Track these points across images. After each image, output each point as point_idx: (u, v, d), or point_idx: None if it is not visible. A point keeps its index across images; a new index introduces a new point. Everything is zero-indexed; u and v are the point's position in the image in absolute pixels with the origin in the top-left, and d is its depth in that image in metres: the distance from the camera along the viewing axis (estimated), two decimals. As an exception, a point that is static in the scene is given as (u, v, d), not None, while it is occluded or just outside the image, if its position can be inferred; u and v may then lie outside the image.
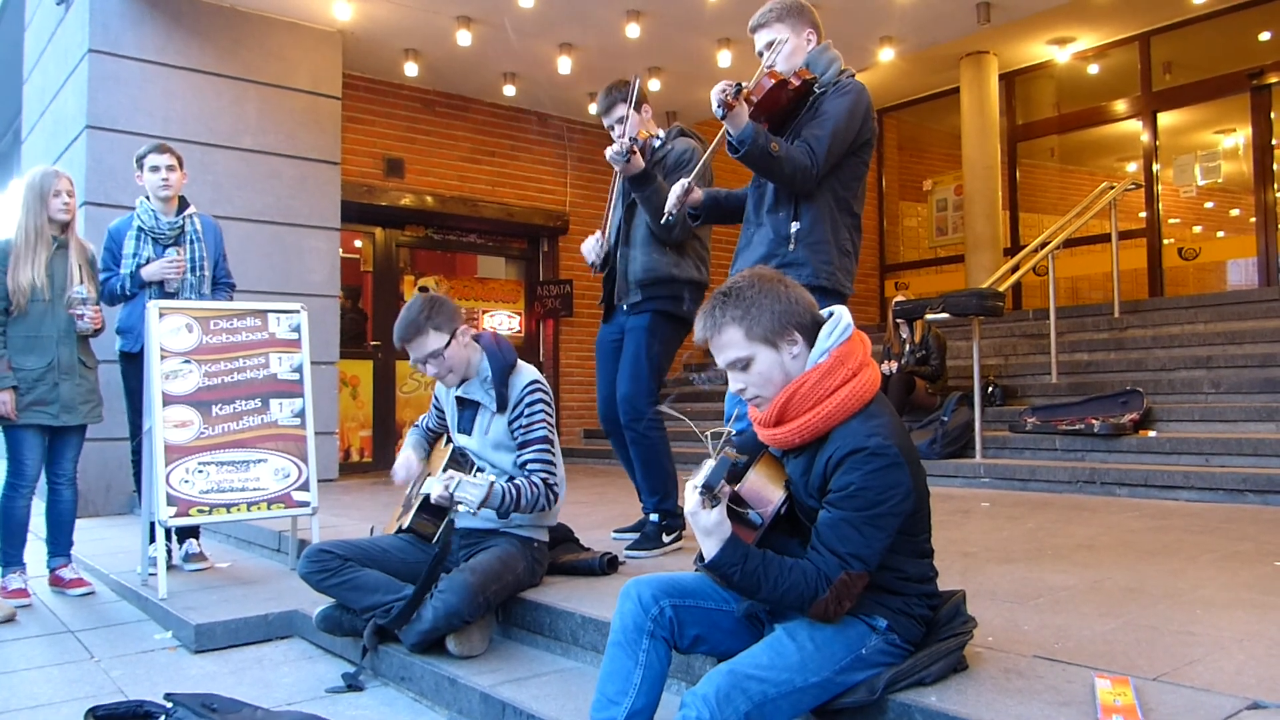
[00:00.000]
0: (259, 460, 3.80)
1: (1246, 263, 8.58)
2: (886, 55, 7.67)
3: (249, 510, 3.75)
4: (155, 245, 4.10)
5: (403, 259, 8.76)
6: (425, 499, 3.00)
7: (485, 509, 2.71)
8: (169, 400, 3.68)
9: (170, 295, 4.03)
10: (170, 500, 3.58)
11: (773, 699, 1.72)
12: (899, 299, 7.17)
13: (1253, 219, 8.30)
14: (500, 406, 2.95)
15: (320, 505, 3.92)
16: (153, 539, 3.79)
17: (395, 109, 8.30)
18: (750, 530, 1.84)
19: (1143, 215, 8.70)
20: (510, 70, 8.11)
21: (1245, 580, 2.82)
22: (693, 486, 1.74)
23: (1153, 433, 5.59)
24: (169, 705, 2.39)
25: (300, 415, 3.94)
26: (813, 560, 1.75)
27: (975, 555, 3.33)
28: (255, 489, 3.77)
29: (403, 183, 8.33)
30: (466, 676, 2.53)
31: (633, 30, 7.05)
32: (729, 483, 1.81)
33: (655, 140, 3.57)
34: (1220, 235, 9.69)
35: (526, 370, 3.03)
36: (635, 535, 3.54)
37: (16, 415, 3.65)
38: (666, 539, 3.48)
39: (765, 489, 1.88)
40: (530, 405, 2.94)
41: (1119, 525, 4.01)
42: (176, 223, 4.13)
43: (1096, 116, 9.38)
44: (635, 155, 3.27)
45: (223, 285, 4.28)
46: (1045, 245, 6.99)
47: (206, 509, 3.65)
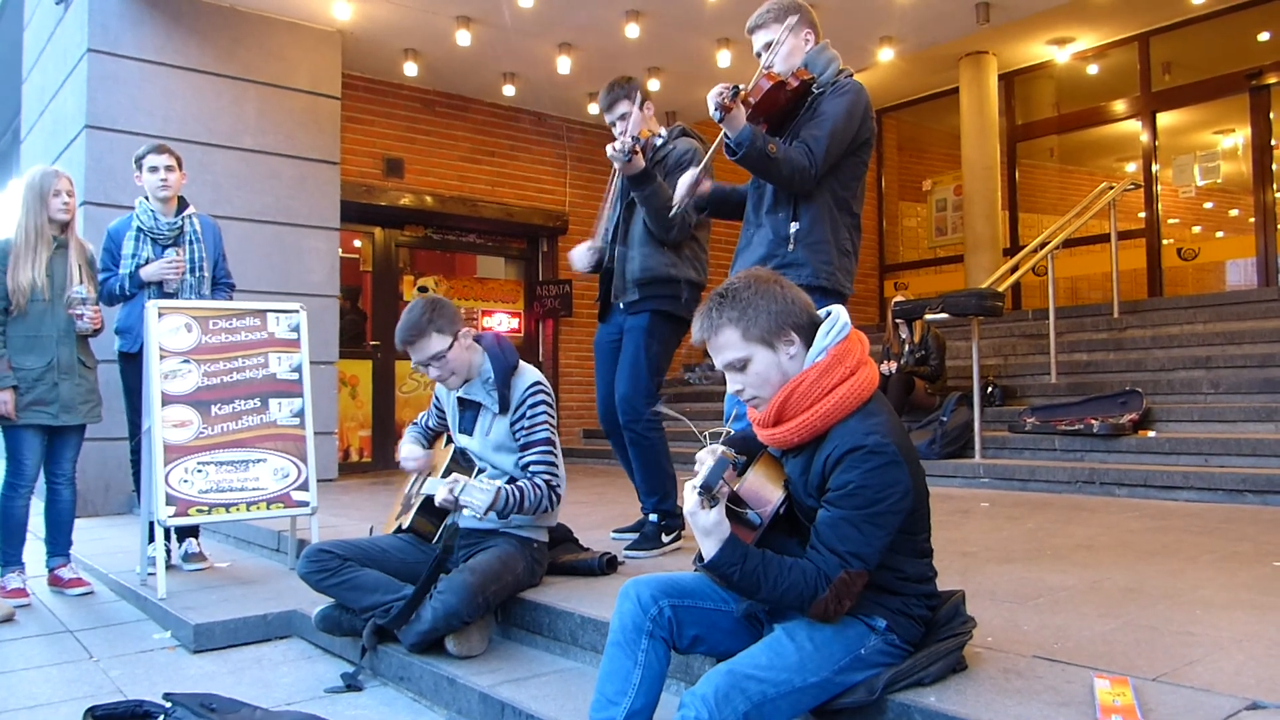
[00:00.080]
0: (258, 460, 3.80)
1: (1245, 263, 8.58)
2: (886, 55, 7.68)
3: (248, 510, 3.75)
4: (154, 246, 4.09)
5: (402, 259, 8.76)
6: (426, 499, 3.00)
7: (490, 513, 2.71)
8: (168, 400, 3.68)
9: (169, 295, 4.02)
10: (169, 500, 3.58)
11: (772, 699, 1.72)
12: (898, 299, 7.17)
13: (1252, 219, 8.31)
14: (502, 408, 2.95)
15: (319, 505, 3.92)
16: (152, 539, 3.79)
17: (395, 109, 8.30)
18: (749, 530, 1.84)
19: (1142, 215, 8.71)
20: (510, 70, 8.11)
21: (1244, 581, 2.82)
22: (691, 487, 1.74)
23: (1152, 433, 5.59)
24: (168, 705, 2.39)
25: (299, 415, 3.94)
26: (812, 559, 1.75)
27: (974, 555, 3.33)
28: (254, 489, 3.77)
29: (402, 183, 8.33)
30: (465, 676, 2.53)
31: (632, 30, 7.05)
32: (728, 482, 1.81)
33: (657, 139, 3.55)
34: (1219, 235, 9.69)
35: (529, 371, 3.02)
36: (634, 535, 3.54)
37: (16, 415, 3.65)
38: (666, 539, 3.48)
39: (764, 489, 1.88)
40: (533, 407, 2.94)
41: (1118, 525, 4.01)
42: (176, 223, 4.13)
43: (1096, 117, 9.38)
44: (637, 154, 3.26)
45: (222, 285, 4.28)
46: (1044, 245, 7.00)
47: (205, 509, 3.65)
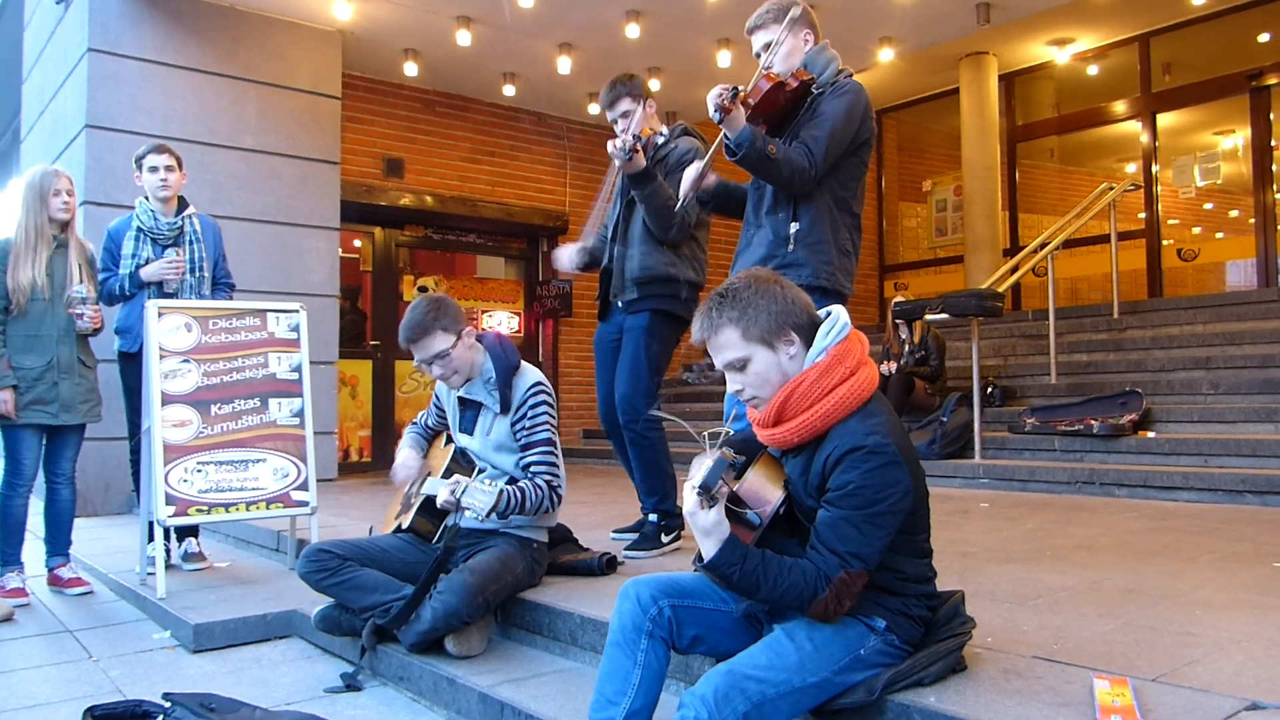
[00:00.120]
0: (258, 460, 3.80)
1: (1245, 264, 8.58)
2: (886, 56, 7.68)
3: (248, 510, 3.75)
4: (154, 246, 4.09)
5: (402, 259, 8.76)
6: (426, 500, 3.00)
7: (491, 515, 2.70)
8: (168, 400, 3.68)
9: (169, 296, 4.02)
10: (169, 500, 3.57)
11: (771, 699, 1.72)
12: (898, 299, 7.17)
13: (1252, 220, 8.31)
14: (503, 408, 2.95)
15: (319, 505, 3.92)
16: (151, 538, 3.79)
17: (395, 109, 8.30)
18: (749, 530, 1.83)
19: (1142, 216, 8.71)
20: (510, 70, 8.11)
21: (1244, 581, 2.82)
22: (691, 486, 1.74)
23: (1152, 433, 5.59)
24: (167, 705, 2.39)
25: (299, 415, 3.93)
26: (812, 559, 1.75)
27: (974, 556, 3.33)
28: (254, 488, 3.77)
29: (402, 183, 8.33)
30: (465, 676, 2.53)
31: (632, 30, 7.05)
32: (727, 483, 1.81)
33: (658, 138, 3.53)
34: (1219, 236, 9.70)
35: (530, 372, 3.02)
36: (634, 535, 3.54)
37: (16, 415, 3.65)
38: (665, 539, 3.47)
39: (764, 489, 1.88)
40: (534, 407, 2.94)
41: (1118, 526, 4.01)
42: (176, 223, 4.12)
43: (1096, 117, 9.38)
44: (638, 153, 3.24)
45: (222, 285, 4.27)
46: (1044, 246, 7.00)
47: (205, 508, 3.65)
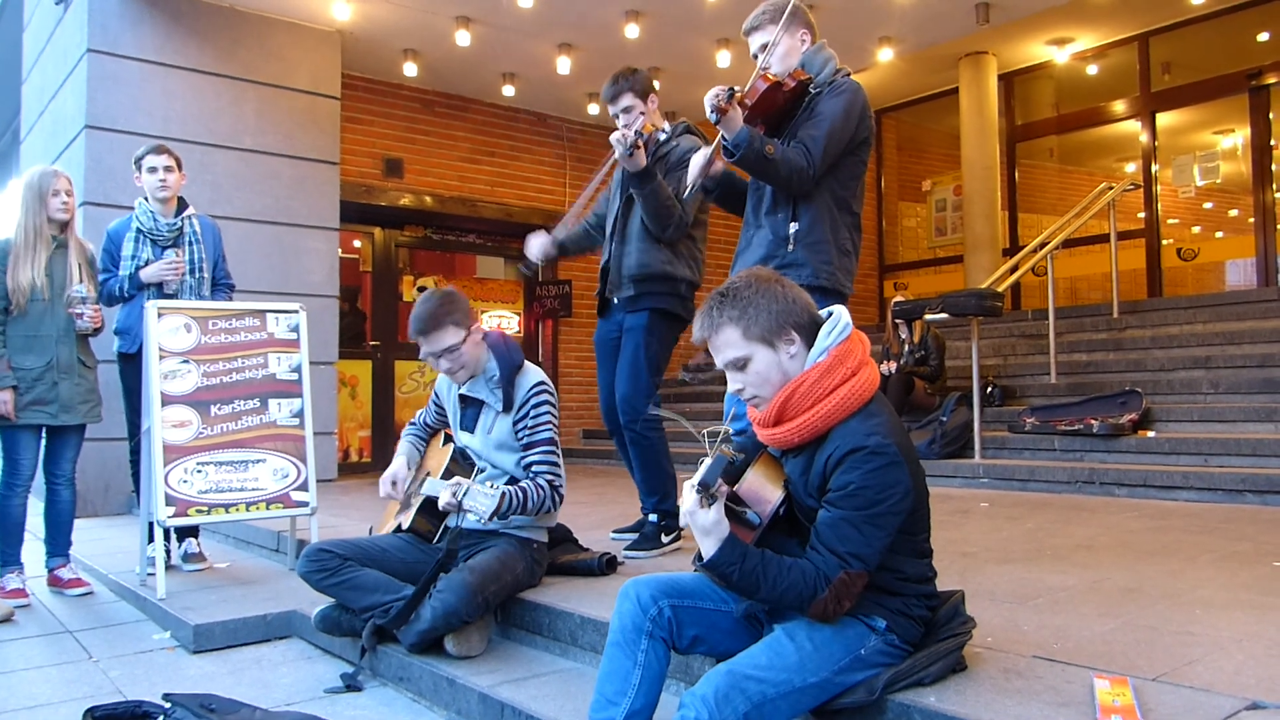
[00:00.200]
0: (258, 460, 3.80)
1: (1245, 263, 8.58)
2: (885, 55, 7.68)
3: (248, 510, 3.75)
4: (154, 247, 4.09)
5: (402, 259, 8.76)
6: (426, 500, 3.00)
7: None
8: (167, 400, 3.68)
9: (169, 297, 4.01)
10: (169, 500, 3.57)
11: (771, 699, 1.71)
12: (898, 299, 7.17)
13: (1251, 219, 8.30)
14: (506, 406, 2.95)
15: (319, 505, 3.92)
16: (151, 539, 3.79)
17: (394, 109, 8.30)
18: (749, 530, 1.83)
19: (1141, 216, 8.70)
20: (510, 70, 8.11)
21: (1244, 580, 2.82)
22: (690, 486, 1.74)
23: (1151, 433, 5.59)
24: (167, 705, 2.39)
25: (299, 415, 3.93)
26: (812, 560, 1.75)
27: (974, 555, 3.33)
28: (254, 489, 3.76)
29: (402, 183, 8.33)
30: (465, 677, 2.53)
31: (632, 30, 7.05)
32: (727, 482, 1.81)
33: (660, 135, 3.49)
34: (1219, 236, 9.69)
35: (533, 371, 3.02)
36: (634, 535, 3.53)
37: (16, 415, 3.65)
38: (665, 539, 3.47)
39: (764, 488, 1.87)
40: (536, 406, 2.94)
41: (1118, 525, 4.01)
42: (175, 224, 4.12)
43: (1095, 117, 9.38)
44: (639, 150, 3.23)
45: (222, 286, 4.27)
46: (1044, 246, 6.99)
47: (205, 509, 3.65)
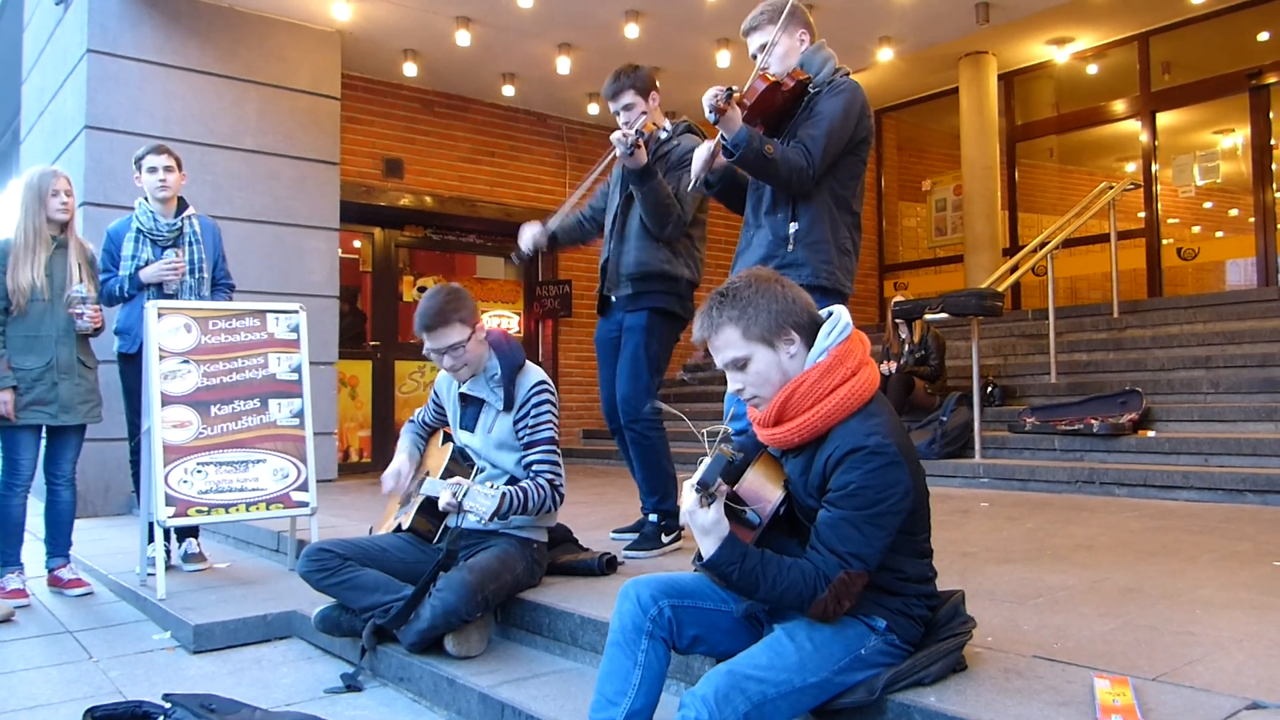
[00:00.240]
0: (258, 460, 3.80)
1: (1245, 263, 8.58)
2: (885, 55, 7.68)
3: (248, 510, 3.75)
4: (154, 247, 4.09)
5: (402, 259, 8.76)
6: (426, 500, 3.00)
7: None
8: (167, 400, 3.68)
9: (169, 297, 4.01)
10: (169, 500, 3.57)
11: (771, 699, 1.71)
12: (898, 299, 7.17)
13: (1251, 219, 8.30)
14: (507, 405, 2.95)
15: (319, 505, 3.92)
16: (151, 539, 3.79)
17: (394, 109, 8.30)
18: (748, 530, 1.83)
19: (1142, 215, 8.70)
20: (509, 70, 8.11)
21: (1244, 580, 2.82)
22: (690, 485, 1.74)
23: (1152, 433, 5.59)
24: (167, 706, 2.39)
25: (299, 415, 3.93)
26: (812, 560, 1.75)
27: (974, 555, 3.33)
28: (254, 489, 3.76)
29: (402, 183, 8.33)
30: (465, 677, 2.53)
31: (632, 30, 7.05)
32: (727, 481, 1.80)
33: (661, 133, 3.48)
34: (1219, 235, 9.69)
35: (534, 371, 3.02)
36: (634, 535, 3.53)
37: (16, 416, 3.65)
38: (665, 539, 3.47)
39: (763, 488, 1.87)
40: (537, 406, 2.94)
41: (1118, 525, 4.01)
42: (175, 224, 4.12)
43: (1095, 117, 9.38)
44: (640, 149, 3.23)
45: (222, 286, 4.27)
46: (1044, 245, 6.99)
47: (205, 509, 3.65)
